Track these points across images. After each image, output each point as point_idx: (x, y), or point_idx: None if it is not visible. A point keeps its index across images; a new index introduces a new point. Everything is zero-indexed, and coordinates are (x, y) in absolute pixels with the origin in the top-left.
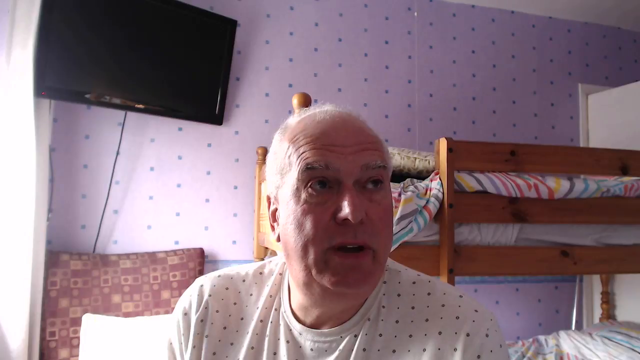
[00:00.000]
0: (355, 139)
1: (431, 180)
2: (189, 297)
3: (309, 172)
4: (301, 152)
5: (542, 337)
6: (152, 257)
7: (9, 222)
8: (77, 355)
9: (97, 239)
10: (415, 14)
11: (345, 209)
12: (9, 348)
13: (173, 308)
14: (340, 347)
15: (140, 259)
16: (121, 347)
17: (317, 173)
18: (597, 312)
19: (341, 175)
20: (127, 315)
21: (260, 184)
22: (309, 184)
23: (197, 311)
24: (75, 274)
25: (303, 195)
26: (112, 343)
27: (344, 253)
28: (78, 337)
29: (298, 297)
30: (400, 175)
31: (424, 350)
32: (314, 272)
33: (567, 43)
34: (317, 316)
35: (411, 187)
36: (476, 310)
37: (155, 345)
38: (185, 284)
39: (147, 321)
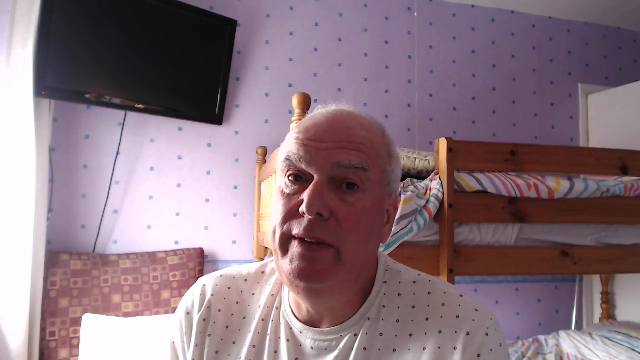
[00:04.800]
0: (336, 137)
1: (431, 180)
2: (192, 297)
3: (286, 163)
4: (287, 144)
5: (542, 337)
6: (152, 257)
7: (9, 222)
8: (77, 355)
9: (97, 239)
10: (415, 14)
11: (304, 202)
12: (9, 348)
13: (173, 308)
14: (341, 346)
15: (140, 259)
16: (121, 347)
17: (293, 165)
18: (597, 312)
19: (313, 170)
20: (127, 315)
21: (260, 184)
22: (287, 174)
23: (199, 310)
24: (75, 274)
25: (282, 184)
26: (112, 343)
27: (302, 242)
28: (78, 337)
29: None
30: None
31: (424, 349)
32: (279, 256)
33: (567, 43)
34: (308, 311)
35: (411, 187)
36: (476, 310)
37: (155, 345)
38: (185, 284)
39: (147, 321)
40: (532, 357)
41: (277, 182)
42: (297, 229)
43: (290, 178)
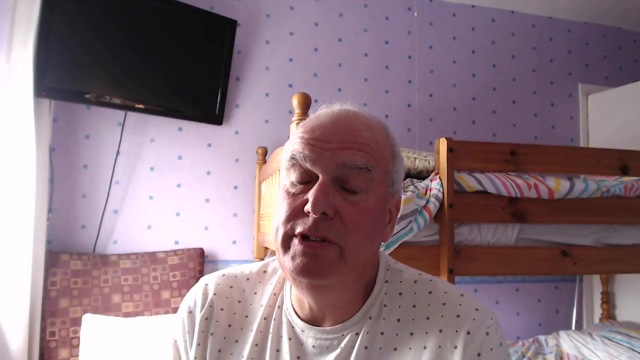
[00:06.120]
0: (341, 137)
1: (431, 180)
2: (194, 296)
3: (291, 162)
4: (292, 143)
5: (542, 337)
6: (152, 257)
7: (9, 222)
8: (77, 355)
9: (97, 239)
10: (415, 14)
11: (309, 201)
12: (9, 348)
13: (173, 308)
14: (342, 344)
15: (140, 259)
16: (121, 347)
17: (298, 164)
18: (597, 312)
19: (318, 170)
20: (127, 315)
21: (260, 184)
22: (291, 173)
23: (201, 309)
24: (75, 274)
25: (286, 183)
26: (112, 343)
27: (304, 240)
28: (78, 337)
29: (293, 289)
30: None
31: (425, 347)
32: (281, 254)
33: (567, 43)
34: (310, 309)
35: (411, 187)
36: (477, 309)
37: (155, 345)
38: (185, 284)
39: (147, 321)
40: (532, 357)
41: (281, 181)
42: (300, 228)
43: (295, 177)
